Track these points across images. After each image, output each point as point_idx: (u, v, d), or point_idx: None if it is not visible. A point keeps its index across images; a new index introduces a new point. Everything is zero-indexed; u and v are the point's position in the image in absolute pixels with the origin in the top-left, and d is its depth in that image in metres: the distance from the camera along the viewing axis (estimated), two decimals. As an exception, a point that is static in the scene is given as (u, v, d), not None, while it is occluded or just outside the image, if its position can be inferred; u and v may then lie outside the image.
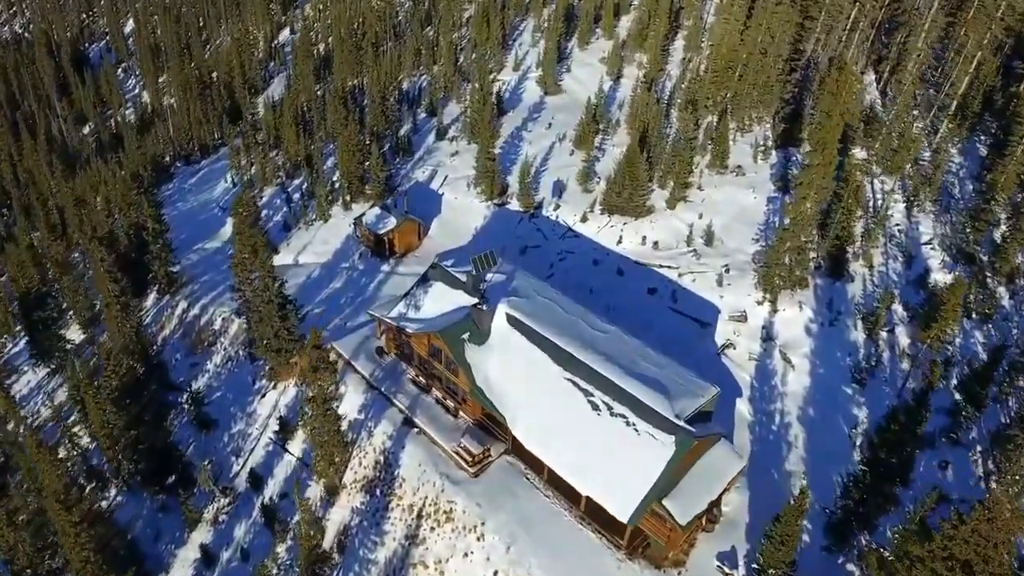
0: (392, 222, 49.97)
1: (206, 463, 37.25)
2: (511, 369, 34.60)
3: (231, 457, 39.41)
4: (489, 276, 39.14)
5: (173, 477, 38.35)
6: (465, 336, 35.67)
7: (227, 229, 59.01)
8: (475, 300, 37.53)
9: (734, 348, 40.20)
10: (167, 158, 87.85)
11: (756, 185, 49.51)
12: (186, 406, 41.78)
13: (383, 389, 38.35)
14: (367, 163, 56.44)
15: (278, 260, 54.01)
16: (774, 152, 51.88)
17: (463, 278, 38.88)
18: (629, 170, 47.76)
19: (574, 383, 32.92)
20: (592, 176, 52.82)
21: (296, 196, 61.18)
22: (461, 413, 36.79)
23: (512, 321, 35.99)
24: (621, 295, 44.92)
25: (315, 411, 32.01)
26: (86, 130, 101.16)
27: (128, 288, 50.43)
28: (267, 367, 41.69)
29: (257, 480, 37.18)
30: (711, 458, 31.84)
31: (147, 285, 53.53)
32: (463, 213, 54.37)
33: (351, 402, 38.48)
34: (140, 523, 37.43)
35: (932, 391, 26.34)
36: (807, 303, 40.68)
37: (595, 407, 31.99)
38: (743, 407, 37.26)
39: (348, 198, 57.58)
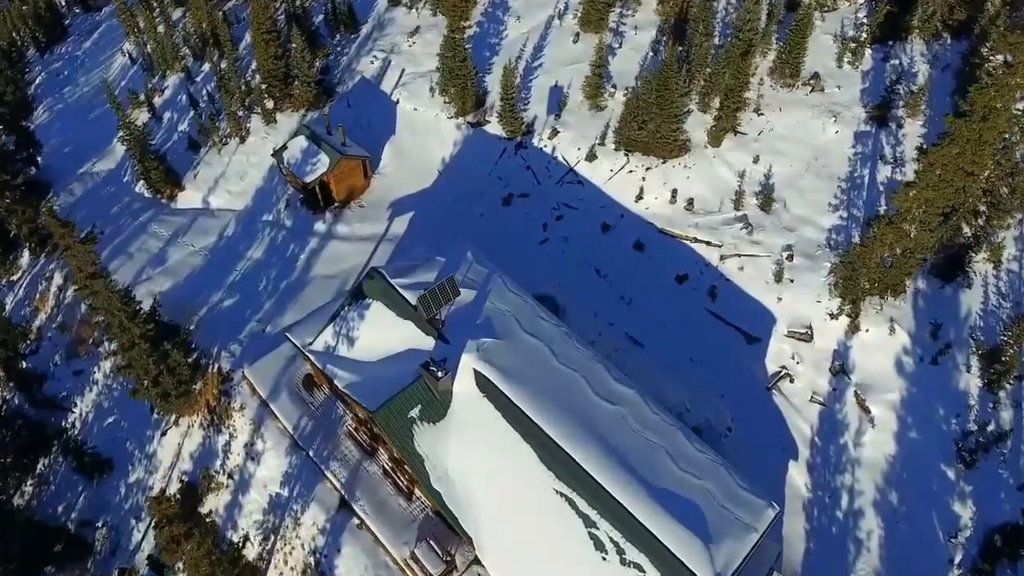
0: (324, 162, 35.90)
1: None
2: (480, 464, 24.19)
3: (130, 519, 30.79)
4: (459, 279, 27.19)
5: (60, 545, 30.07)
6: (414, 413, 24.82)
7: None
8: (428, 336, 26.24)
9: (791, 381, 29.38)
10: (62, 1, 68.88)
11: (839, 109, 34.52)
12: (67, 444, 32.21)
13: (312, 452, 28.38)
14: (290, 55, 40.41)
15: (183, 200, 41.08)
16: (868, 52, 35.86)
17: (413, 299, 26.94)
18: (660, 91, 32.64)
19: (570, 502, 22.81)
20: (604, 85, 37.30)
21: (205, 92, 45.57)
22: (417, 492, 27.29)
23: (483, 384, 24.83)
24: (639, 282, 32.84)
25: None
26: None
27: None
28: (162, 399, 31.40)
29: (160, 567, 28.90)
30: (758, 608, 23.00)
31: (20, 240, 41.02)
32: (426, 135, 39.78)
33: (270, 466, 28.76)
34: (25, 605, 30.00)
35: None
36: (901, 322, 28.94)
37: (599, 545, 22.22)
38: (797, 475, 27.53)
39: (270, 106, 42.38)
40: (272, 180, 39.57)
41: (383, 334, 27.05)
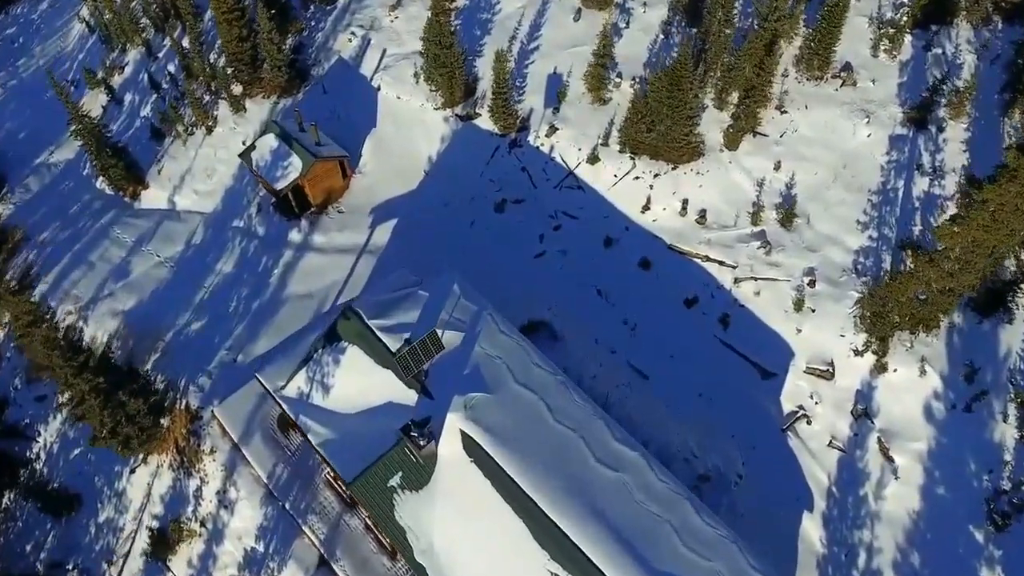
0: (296, 166, 32.26)
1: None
2: (468, 538, 22.02)
3: (101, 563, 29.04)
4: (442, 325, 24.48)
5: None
6: (395, 481, 22.54)
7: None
8: (410, 389, 23.73)
9: (808, 422, 27.00)
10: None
11: (873, 107, 30.69)
12: (28, 484, 30.17)
13: (288, 504, 26.29)
14: (257, 36, 36.05)
15: (148, 200, 37.64)
16: (908, 39, 31.65)
17: (392, 343, 24.28)
18: (671, 91, 28.77)
19: (566, 587, 20.85)
20: (609, 74, 33.21)
21: (167, 73, 41.23)
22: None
23: (470, 448, 22.42)
24: (645, 305, 29.95)
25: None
26: None
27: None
28: (128, 436, 29.07)
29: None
30: None
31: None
32: (410, 128, 35.95)
33: (244, 517, 26.71)
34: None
35: None
36: (933, 362, 26.25)
37: (597, 636, 20.44)
38: (812, 528, 25.49)
39: (238, 91, 38.29)
40: (243, 179, 36.04)
41: (360, 383, 24.48)
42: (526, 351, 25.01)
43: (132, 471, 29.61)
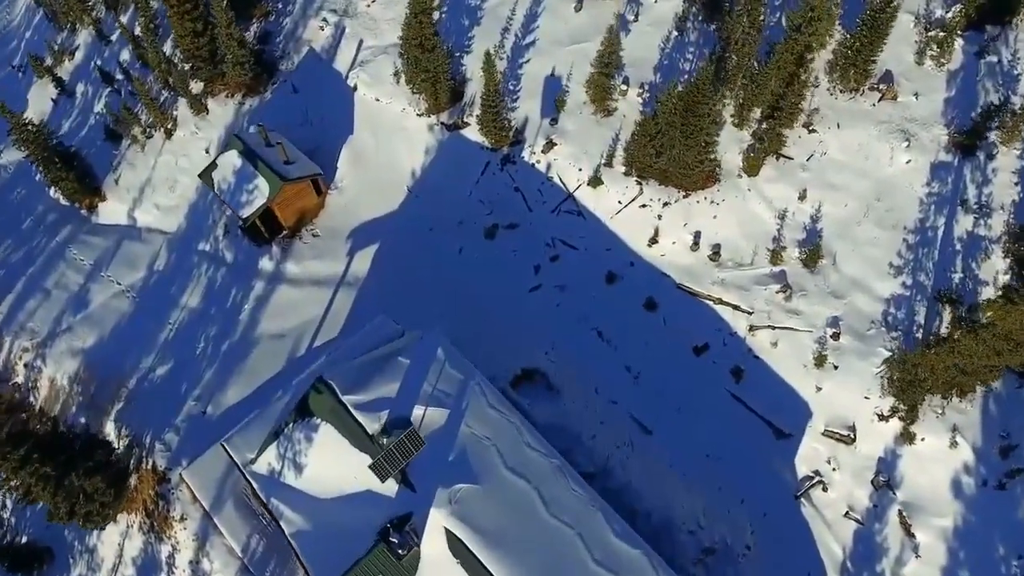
0: (263, 191, 28.82)
1: None
2: (454, 644, 20.54)
3: (74, 622, 27.87)
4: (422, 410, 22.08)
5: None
6: (374, 586, 20.67)
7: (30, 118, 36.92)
8: (385, 478, 21.53)
9: (824, 489, 24.86)
10: None
11: (915, 128, 26.89)
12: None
13: (264, 581, 24.64)
14: (215, 28, 31.69)
15: (106, 213, 34.61)
16: (959, 44, 27.41)
17: (371, 423, 21.90)
18: (684, 116, 24.97)
19: None
20: (614, 81, 29.13)
21: (120, 61, 36.86)
22: (386, 633, 23.84)
23: (456, 548, 20.45)
24: (650, 350, 27.28)
25: None
26: None
27: None
28: (93, 496, 27.11)
29: None
30: None
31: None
32: (390, 137, 32.14)
33: (219, 591, 25.22)
34: None
35: None
36: (966, 432, 23.82)
37: None
38: (823, 605, 24.01)
39: (199, 89, 34.19)
40: (207, 194, 32.54)
41: (335, 466, 22.23)
42: (518, 429, 22.66)
43: (102, 528, 27.93)
